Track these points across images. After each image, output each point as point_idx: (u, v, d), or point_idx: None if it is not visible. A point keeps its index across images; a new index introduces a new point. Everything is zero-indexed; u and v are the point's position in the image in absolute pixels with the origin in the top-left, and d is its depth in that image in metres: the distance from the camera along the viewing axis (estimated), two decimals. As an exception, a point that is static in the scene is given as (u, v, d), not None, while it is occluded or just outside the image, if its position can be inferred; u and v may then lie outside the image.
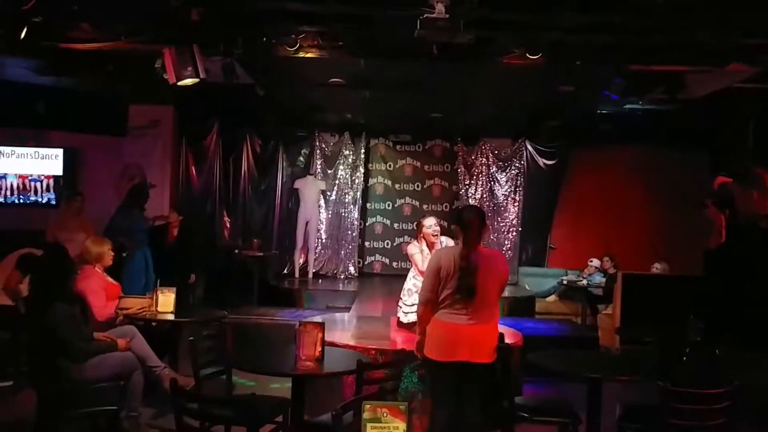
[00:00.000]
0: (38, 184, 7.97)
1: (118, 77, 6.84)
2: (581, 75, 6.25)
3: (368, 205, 10.59)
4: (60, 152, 7.93)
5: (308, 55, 5.78)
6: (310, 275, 9.75)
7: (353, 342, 4.75)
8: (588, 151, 9.83)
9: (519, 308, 8.08)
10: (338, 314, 6.76)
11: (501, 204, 10.11)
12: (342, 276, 10.06)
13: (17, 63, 6.53)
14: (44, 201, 7.96)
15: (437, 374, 3.47)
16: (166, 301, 4.79)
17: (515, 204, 10.13)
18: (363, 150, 10.30)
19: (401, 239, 10.55)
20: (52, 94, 7.52)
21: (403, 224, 10.58)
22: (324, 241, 10.18)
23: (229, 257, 9.02)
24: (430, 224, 5.00)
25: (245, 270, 8.74)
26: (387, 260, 10.60)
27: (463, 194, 10.17)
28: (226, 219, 9.52)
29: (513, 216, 10.08)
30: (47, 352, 3.79)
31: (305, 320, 3.48)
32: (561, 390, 4.83)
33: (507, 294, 7.52)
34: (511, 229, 10.10)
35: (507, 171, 10.19)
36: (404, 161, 10.66)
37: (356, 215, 10.24)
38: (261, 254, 8.80)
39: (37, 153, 7.90)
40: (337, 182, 10.23)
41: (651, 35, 5.28)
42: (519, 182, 10.14)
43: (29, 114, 7.61)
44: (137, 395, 4.11)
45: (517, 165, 10.15)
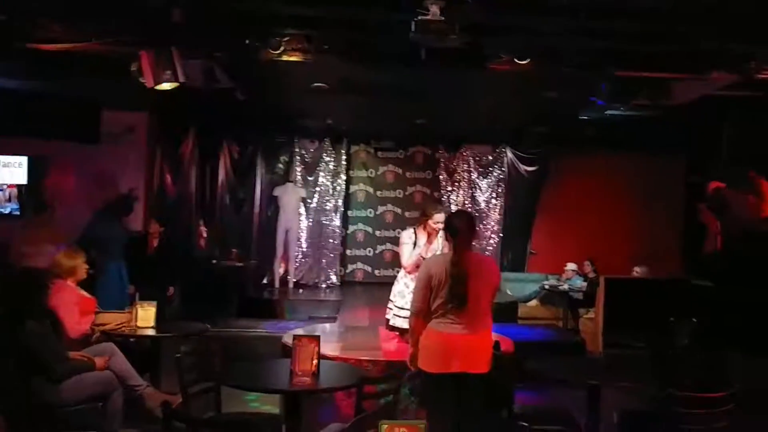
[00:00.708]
0: (0, 194, 7.62)
1: (91, 81, 6.57)
2: (567, 81, 6.21)
3: (349, 213, 10.45)
4: (24, 160, 7.59)
5: (292, 59, 5.63)
6: (291, 285, 9.55)
7: (343, 354, 4.58)
8: (568, 158, 9.87)
9: (502, 313, 7.95)
10: (324, 325, 6.59)
11: (482, 210, 10.08)
12: (324, 285, 9.89)
13: (-22, 64, 6.23)
14: (7, 212, 7.60)
15: (432, 386, 3.38)
16: (147, 316, 4.57)
17: (496, 210, 10.12)
18: (344, 157, 10.17)
19: (383, 246, 10.44)
20: (17, 98, 7.18)
21: (385, 231, 10.48)
22: (304, 250, 10.00)
23: (207, 268, 8.76)
24: (438, 218, 4.74)
25: (224, 281, 8.50)
26: (369, 268, 10.46)
27: (445, 201, 10.10)
28: (203, 228, 9.25)
29: (494, 222, 10.05)
30: (18, 375, 3.55)
31: (299, 334, 3.32)
32: (551, 396, 4.75)
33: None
34: (493, 235, 10.08)
35: (488, 177, 10.19)
36: (386, 168, 10.56)
37: (338, 223, 10.09)
38: (240, 264, 8.58)
39: (-1, 160, 7.55)
40: (318, 189, 10.07)
41: (639, 41, 5.27)
42: (500, 189, 10.14)
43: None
44: (117, 417, 3.89)
45: (498, 171, 10.15)
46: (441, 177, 10.21)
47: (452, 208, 10.02)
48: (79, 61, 5.97)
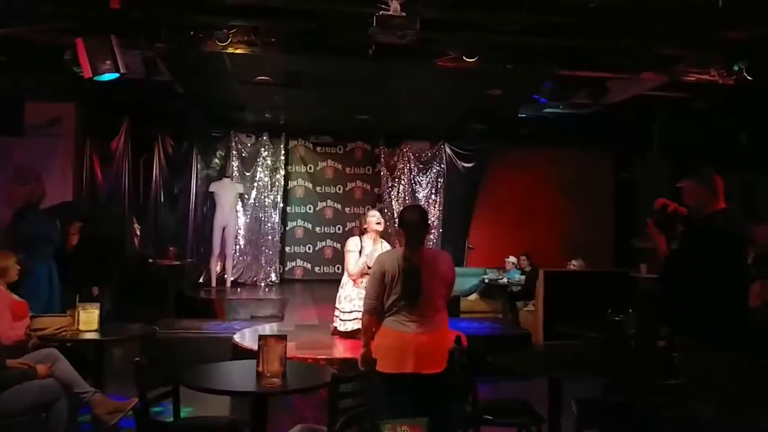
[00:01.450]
0: None
1: (14, 69, 6.12)
2: (509, 79, 6.36)
3: (288, 209, 10.27)
4: (-58, 153, 7.01)
5: (238, 51, 5.47)
6: (228, 284, 9.29)
7: (298, 353, 4.50)
8: (504, 154, 10.14)
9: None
10: (271, 324, 6.44)
11: (422, 206, 10.16)
12: (263, 284, 9.68)
13: None
14: None
15: (386, 387, 3.28)
16: (89, 319, 4.29)
17: (436, 206, 10.24)
18: (282, 152, 9.99)
19: (323, 243, 10.34)
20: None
21: (325, 228, 10.38)
22: (242, 248, 9.76)
23: (141, 267, 8.38)
24: (374, 214, 5.16)
25: (159, 280, 8.15)
26: (309, 265, 10.33)
27: (386, 197, 10.13)
28: (136, 226, 8.84)
29: (434, 217, 10.17)
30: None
31: (265, 334, 3.20)
32: (503, 389, 4.86)
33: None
34: (433, 231, 10.18)
35: (427, 173, 10.29)
36: (325, 163, 10.45)
37: (276, 219, 9.90)
38: (177, 263, 8.26)
39: None
40: (256, 185, 9.85)
41: (579, 41, 5.47)
42: (439, 184, 10.27)
43: None
44: (62, 426, 3.64)
45: (437, 167, 10.28)
46: (381, 173, 10.22)
47: (393, 204, 10.08)
48: (2, 49, 5.57)
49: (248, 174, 9.83)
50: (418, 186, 10.25)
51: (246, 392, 3.04)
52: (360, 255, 4.96)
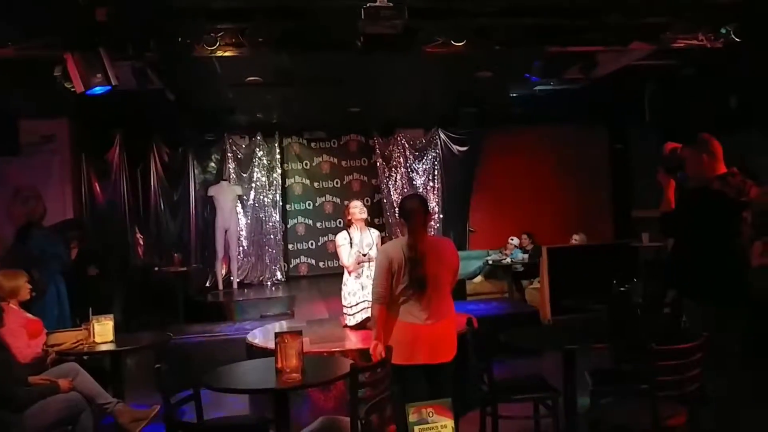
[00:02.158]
0: None
1: (6, 88, 6.13)
2: (501, 60, 6.38)
3: (288, 207, 10.31)
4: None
5: (227, 54, 5.48)
6: (235, 285, 9.35)
7: (313, 347, 4.55)
8: (499, 135, 10.16)
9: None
10: (281, 322, 6.49)
11: (421, 194, 10.19)
12: (269, 283, 9.74)
13: None
14: None
15: (400, 378, 3.34)
16: (104, 330, 4.37)
17: (434, 192, 10.28)
18: (277, 150, 10.01)
19: (325, 238, 10.39)
20: None
21: (326, 222, 10.43)
22: (246, 249, 9.81)
23: (147, 276, 8.44)
24: (355, 204, 5.14)
25: (166, 288, 8.21)
26: (313, 261, 10.39)
27: (384, 187, 10.17)
28: (139, 236, 8.89)
29: (433, 204, 10.21)
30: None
31: (281, 331, 3.26)
32: (516, 367, 4.94)
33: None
34: (433, 217, 10.23)
35: (423, 160, 10.32)
36: (320, 158, 10.47)
37: (277, 218, 9.94)
38: (183, 269, 8.31)
39: None
40: (254, 186, 9.88)
41: (565, 16, 5.49)
42: (436, 171, 10.30)
43: None
44: (88, 438, 3.72)
45: (433, 154, 10.31)
46: (378, 163, 10.25)
47: (391, 194, 10.13)
48: (-7, 69, 5.57)
49: (245, 175, 9.86)
50: (415, 174, 10.28)
51: (268, 389, 3.09)
52: (351, 246, 5.01)
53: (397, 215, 3.67)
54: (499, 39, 5.64)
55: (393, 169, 10.22)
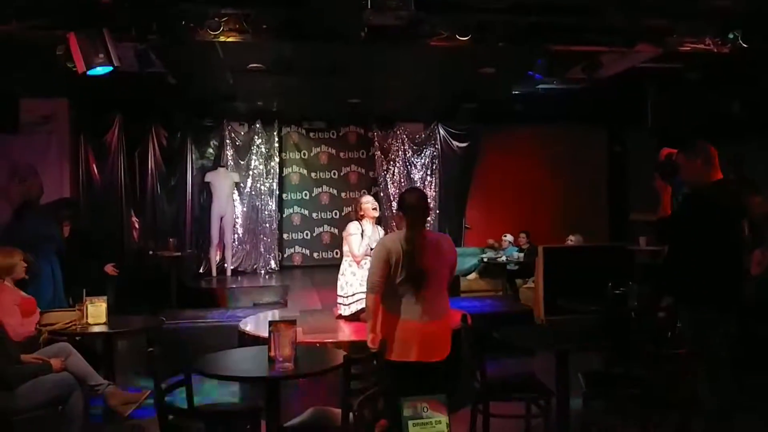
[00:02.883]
0: None
1: (7, 67, 6.08)
2: (505, 56, 6.36)
3: (284, 196, 10.27)
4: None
5: (230, 40, 5.44)
6: (229, 273, 9.32)
7: (306, 337, 4.54)
8: (498, 132, 10.14)
9: (445, 289, 8.18)
10: (273, 311, 6.48)
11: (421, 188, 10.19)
12: (263, 271, 9.72)
13: None
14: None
15: (391, 373, 3.30)
16: (97, 312, 4.35)
17: (431, 187, 10.26)
18: (276, 139, 9.97)
19: (321, 228, 10.37)
20: None
21: (322, 213, 10.40)
22: (241, 236, 9.78)
23: (141, 259, 8.41)
24: (368, 200, 5.11)
25: (160, 272, 8.18)
26: (307, 251, 10.36)
27: (381, 180, 10.14)
28: (134, 219, 8.85)
29: (430, 199, 10.18)
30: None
31: (275, 320, 3.25)
32: (509, 366, 4.94)
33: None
34: (429, 212, 10.21)
35: (422, 155, 10.30)
36: (319, 149, 10.43)
37: (273, 207, 9.91)
38: (177, 254, 8.28)
39: None
40: (251, 173, 9.84)
41: (571, 15, 5.47)
42: (434, 165, 10.28)
43: None
44: (78, 419, 3.69)
45: (432, 149, 10.28)
46: (376, 156, 10.22)
47: (389, 187, 10.11)
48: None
49: (243, 162, 9.82)
50: (413, 168, 10.26)
51: (260, 377, 3.08)
52: (362, 237, 4.99)
53: (396, 208, 3.62)
54: (504, 35, 5.62)
55: (391, 163, 10.20)
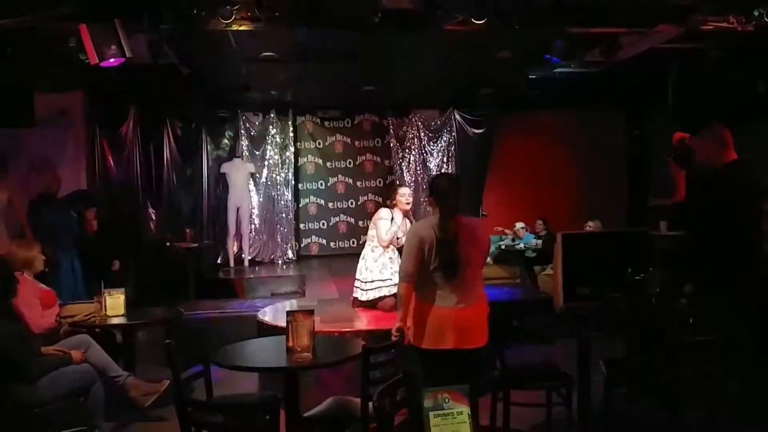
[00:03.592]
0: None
1: (21, 61, 6.09)
2: (521, 40, 6.25)
3: (300, 186, 10.26)
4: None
5: (242, 28, 5.40)
6: (246, 263, 9.35)
7: (324, 327, 4.52)
8: (514, 118, 10.00)
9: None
10: (291, 301, 6.48)
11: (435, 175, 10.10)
12: (280, 261, 9.73)
13: None
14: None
15: (424, 363, 3.25)
16: (116, 304, 4.38)
17: (448, 174, 10.17)
18: (291, 128, 9.94)
19: (337, 218, 10.36)
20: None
21: (338, 203, 10.37)
22: (257, 227, 9.80)
23: (159, 252, 8.45)
24: (405, 192, 5.05)
25: (178, 263, 8.22)
26: (324, 241, 10.36)
27: (397, 168, 10.08)
28: (151, 211, 8.90)
29: (447, 186, 10.09)
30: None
31: (292, 310, 3.23)
32: (529, 353, 4.88)
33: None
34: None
35: (438, 142, 10.21)
36: (334, 138, 10.39)
37: (289, 197, 9.90)
38: (195, 245, 8.31)
39: None
40: (266, 163, 9.83)
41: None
42: (450, 152, 10.18)
43: None
44: (99, 410, 3.73)
45: (448, 135, 10.18)
46: (391, 144, 10.15)
47: (404, 176, 10.05)
48: (7, 40, 5.53)
49: (258, 153, 9.82)
50: (429, 155, 10.18)
51: (278, 368, 3.07)
52: (391, 224, 4.95)
53: (428, 194, 3.52)
54: (520, 18, 5.51)
55: (407, 150, 10.12)
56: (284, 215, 9.87)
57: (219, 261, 9.42)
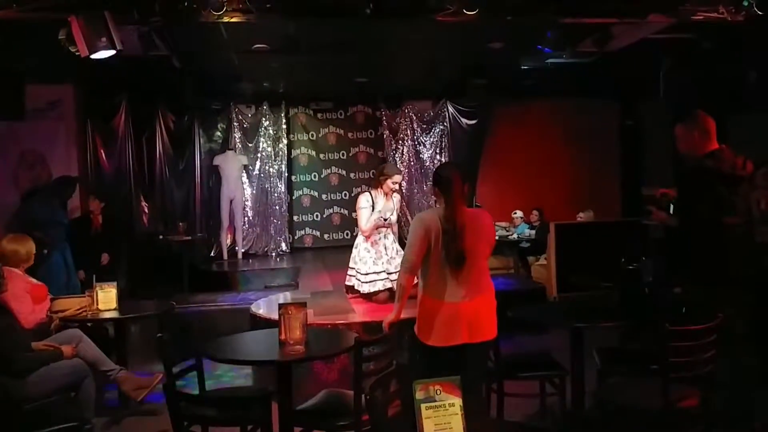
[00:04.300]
0: None
1: (11, 51, 6.03)
2: (513, 30, 6.22)
3: (293, 178, 10.21)
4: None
5: (234, 20, 5.35)
6: (240, 256, 9.32)
7: (318, 319, 4.52)
8: (507, 108, 9.99)
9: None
10: (285, 293, 6.48)
11: (428, 167, 10.09)
12: (273, 253, 9.71)
13: None
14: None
15: (432, 360, 3.14)
16: (107, 298, 4.35)
17: (441, 165, 10.14)
18: (283, 120, 9.89)
19: (331, 210, 10.33)
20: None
21: (332, 195, 10.34)
22: (251, 219, 9.76)
23: (151, 244, 8.43)
24: (398, 180, 5.03)
25: (171, 256, 8.21)
26: (318, 233, 10.33)
27: (390, 159, 10.05)
28: (144, 204, 8.85)
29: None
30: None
31: (285, 303, 3.22)
32: (522, 344, 4.90)
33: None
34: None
35: (431, 133, 10.19)
36: (327, 129, 10.33)
37: (282, 189, 9.86)
38: (188, 238, 8.28)
39: None
40: (259, 156, 9.78)
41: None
42: (443, 144, 10.17)
43: None
44: (90, 405, 3.72)
45: (440, 127, 10.16)
46: (384, 135, 10.13)
47: (399, 166, 10.00)
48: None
49: (251, 145, 9.77)
50: (422, 147, 10.16)
51: (271, 361, 3.06)
52: (372, 211, 4.93)
53: (432, 184, 3.44)
54: (512, 8, 5.48)
55: (400, 142, 10.10)
56: (277, 207, 9.84)
57: (212, 254, 9.39)
